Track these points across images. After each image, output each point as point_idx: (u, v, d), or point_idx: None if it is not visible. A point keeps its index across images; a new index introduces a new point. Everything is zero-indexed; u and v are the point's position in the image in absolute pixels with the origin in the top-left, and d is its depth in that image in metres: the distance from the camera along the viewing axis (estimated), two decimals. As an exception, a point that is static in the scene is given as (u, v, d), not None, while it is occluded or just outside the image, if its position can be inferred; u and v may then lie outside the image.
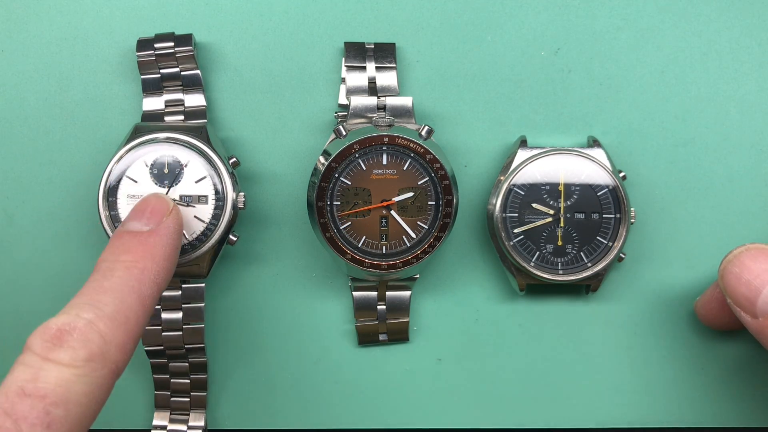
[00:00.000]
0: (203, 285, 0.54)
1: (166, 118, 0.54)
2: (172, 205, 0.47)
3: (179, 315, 0.54)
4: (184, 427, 0.56)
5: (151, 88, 0.54)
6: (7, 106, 0.56)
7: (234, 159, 0.53)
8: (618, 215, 0.55)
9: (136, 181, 0.51)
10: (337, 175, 0.53)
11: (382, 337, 0.57)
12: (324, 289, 0.58)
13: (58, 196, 0.56)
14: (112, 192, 0.51)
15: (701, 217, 0.57)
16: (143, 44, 0.54)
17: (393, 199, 0.53)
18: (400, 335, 0.57)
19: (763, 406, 0.58)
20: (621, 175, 0.55)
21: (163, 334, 0.54)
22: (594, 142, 0.56)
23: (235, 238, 0.53)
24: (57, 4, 0.56)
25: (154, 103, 0.54)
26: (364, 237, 0.54)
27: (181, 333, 0.55)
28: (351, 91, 0.54)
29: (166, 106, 0.54)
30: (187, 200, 0.52)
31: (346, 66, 0.55)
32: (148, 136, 0.51)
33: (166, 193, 0.51)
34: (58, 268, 0.57)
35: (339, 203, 0.53)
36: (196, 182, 0.52)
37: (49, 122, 0.56)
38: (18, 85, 0.56)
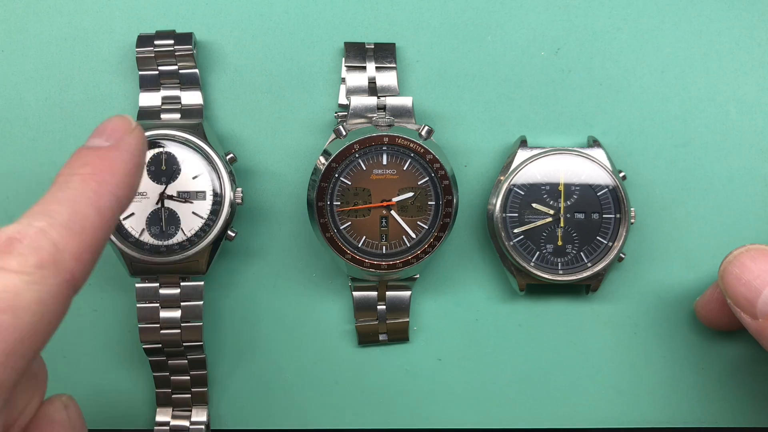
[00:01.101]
0: (202, 283, 0.54)
1: (163, 116, 0.54)
2: (135, 124, 0.44)
3: (177, 314, 0.54)
4: (186, 423, 0.56)
5: (149, 84, 0.54)
6: (7, 106, 0.56)
7: (231, 155, 0.53)
8: (618, 215, 0.55)
9: None
10: (337, 175, 0.53)
11: (382, 337, 0.58)
12: (324, 289, 0.58)
13: (58, 196, 0.56)
14: None
15: (701, 217, 0.57)
16: (143, 40, 0.54)
17: (393, 199, 0.53)
18: (400, 335, 0.57)
19: (763, 406, 0.58)
20: (621, 175, 0.55)
21: (161, 332, 0.54)
22: (594, 142, 0.56)
23: (233, 234, 0.53)
24: (57, 4, 0.56)
25: (150, 100, 0.54)
26: (364, 237, 0.54)
27: (179, 331, 0.55)
28: (351, 91, 0.54)
29: (162, 103, 0.54)
30: (185, 196, 0.52)
31: (346, 66, 0.55)
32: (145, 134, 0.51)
33: (164, 190, 0.51)
34: (58, 268, 0.57)
35: (339, 203, 0.53)
36: (193, 178, 0.52)
37: (49, 122, 0.56)
38: (18, 85, 0.56)
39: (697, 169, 0.57)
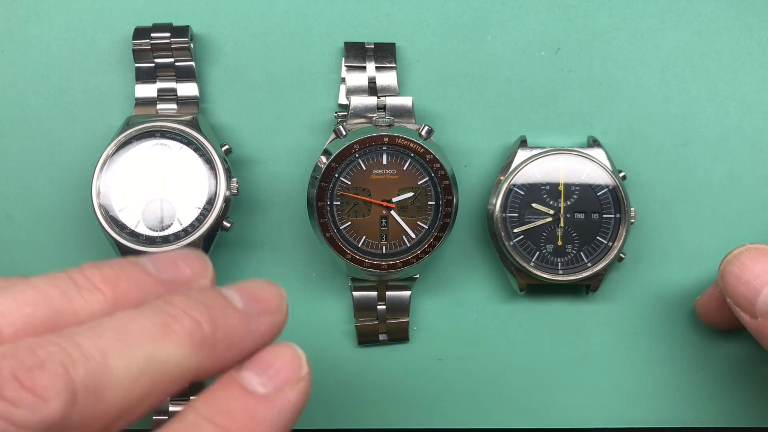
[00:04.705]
0: None
1: (159, 106, 0.54)
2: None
3: None
4: None
5: (145, 76, 0.54)
6: (7, 106, 0.56)
7: (227, 146, 0.54)
8: (618, 215, 0.55)
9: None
10: (337, 175, 0.53)
11: (382, 337, 0.57)
12: (324, 289, 0.58)
13: (58, 196, 0.56)
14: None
15: (701, 217, 0.57)
16: (140, 33, 0.54)
17: (393, 200, 0.53)
18: (400, 335, 0.57)
19: (763, 406, 0.58)
20: (621, 175, 0.55)
21: None
22: (594, 142, 0.56)
23: (229, 225, 0.53)
24: (57, 4, 0.56)
25: (146, 91, 0.54)
26: (364, 237, 0.54)
27: None
28: (351, 91, 0.54)
29: (158, 94, 0.55)
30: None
31: (346, 66, 0.55)
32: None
33: (159, 183, 0.52)
34: (58, 268, 0.56)
35: (339, 203, 0.53)
36: (189, 170, 0.53)
37: (49, 122, 0.56)
38: (18, 85, 0.56)
39: (697, 169, 0.57)
